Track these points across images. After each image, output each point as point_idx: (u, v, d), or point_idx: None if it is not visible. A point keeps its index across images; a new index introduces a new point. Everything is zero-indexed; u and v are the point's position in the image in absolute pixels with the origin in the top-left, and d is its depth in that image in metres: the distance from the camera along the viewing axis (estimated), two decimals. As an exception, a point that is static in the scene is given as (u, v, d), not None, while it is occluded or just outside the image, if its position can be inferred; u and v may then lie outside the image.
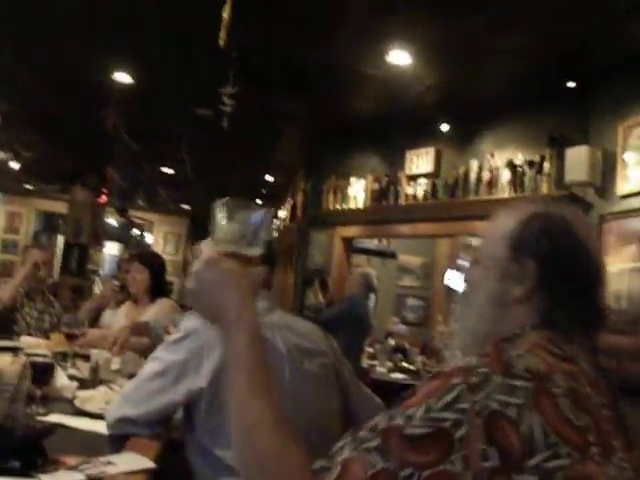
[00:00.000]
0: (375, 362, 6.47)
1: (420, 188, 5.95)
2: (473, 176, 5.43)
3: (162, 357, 1.69)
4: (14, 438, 1.40)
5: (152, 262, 3.86)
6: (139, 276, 3.73)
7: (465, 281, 1.17)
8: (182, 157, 8.68)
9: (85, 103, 6.73)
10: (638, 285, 3.82)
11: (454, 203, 5.60)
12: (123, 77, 5.79)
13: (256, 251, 1.03)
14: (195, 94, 5.94)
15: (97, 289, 5.03)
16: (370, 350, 6.66)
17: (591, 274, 1.05)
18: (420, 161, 6.06)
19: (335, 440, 1.73)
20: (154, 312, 3.55)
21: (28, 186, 12.76)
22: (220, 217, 0.99)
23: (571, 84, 4.56)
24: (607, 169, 4.22)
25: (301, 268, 7.40)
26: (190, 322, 1.74)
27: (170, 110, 6.63)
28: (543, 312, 1.02)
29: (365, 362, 6.19)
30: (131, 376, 2.43)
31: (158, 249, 14.26)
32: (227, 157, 8.34)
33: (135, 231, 15.82)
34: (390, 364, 6.32)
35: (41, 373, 1.87)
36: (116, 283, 4.39)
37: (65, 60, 5.57)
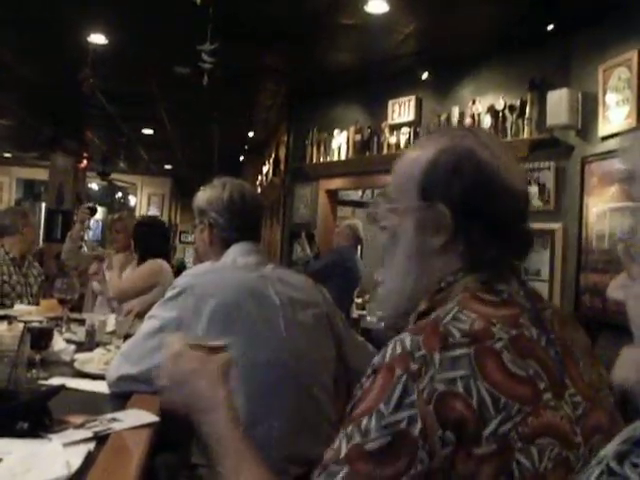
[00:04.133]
0: (364, 312, 6.56)
1: (403, 137, 5.95)
2: (455, 123, 5.43)
3: (158, 315, 1.73)
4: (20, 401, 1.43)
5: None
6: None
7: (384, 229, 1.07)
8: (161, 117, 8.59)
9: (61, 67, 6.61)
10: (619, 225, 3.88)
11: (437, 151, 5.59)
12: (98, 38, 5.68)
13: (220, 342, 1.12)
14: (172, 52, 5.85)
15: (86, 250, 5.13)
16: (359, 300, 6.74)
17: (511, 205, 0.97)
18: (402, 110, 6.04)
19: (331, 388, 1.79)
20: None
21: (7, 154, 12.60)
22: None
23: (551, 27, 4.53)
24: (588, 111, 4.22)
25: (287, 222, 7.43)
26: (183, 279, 1.78)
27: (147, 70, 6.53)
28: (467, 258, 0.97)
29: (355, 312, 6.28)
30: (126, 337, 2.47)
31: (142, 210, 14.24)
32: (207, 115, 8.26)
33: (118, 194, 15.73)
34: (380, 313, 6.42)
35: (39, 338, 1.90)
36: (87, 205, 4.69)
37: (39, 23, 5.44)
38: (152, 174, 14.42)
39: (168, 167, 13.85)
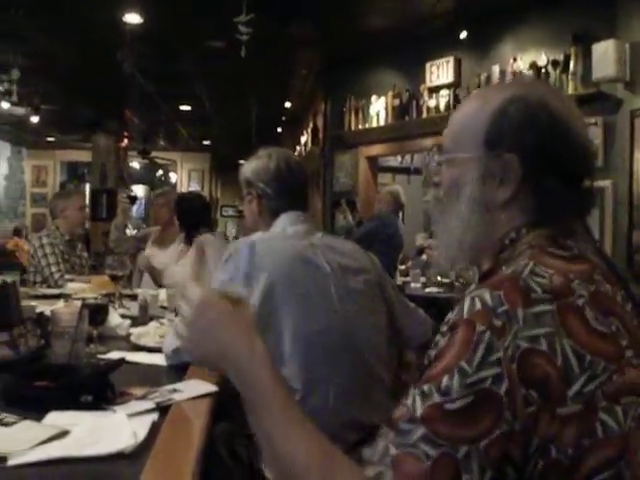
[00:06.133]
0: (408, 278, 6.52)
1: (442, 99, 5.85)
2: (496, 82, 5.31)
3: (215, 279, 1.75)
4: (83, 374, 1.47)
5: None
6: None
7: (437, 184, 1.03)
8: (199, 93, 8.60)
9: (97, 48, 6.66)
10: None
11: (478, 112, 5.48)
12: (133, 17, 5.69)
13: (239, 293, 1.05)
14: (206, 27, 5.84)
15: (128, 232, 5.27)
16: (402, 267, 6.70)
17: (579, 157, 0.94)
18: (440, 72, 5.94)
19: (384, 354, 1.79)
20: None
21: (50, 138, 12.80)
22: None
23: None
24: (637, 62, 4.09)
25: (327, 191, 7.41)
26: (235, 244, 1.79)
27: (183, 46, 6.53)
28: (533, 211, 0.94)
29: (399, 279, 6.25)
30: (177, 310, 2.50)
31: (183, 187, 14.38)
32: (244, 88, 8.24)
33: (159, 171, 15.90)
34: (424, 279, 6.36)
35: (96, 314, 1.93)
36: (127, 194, 4.83)
37: (72, 6, 5.47)
38: (191, 150, 14.52)
39: (207, 143, 13.92)
